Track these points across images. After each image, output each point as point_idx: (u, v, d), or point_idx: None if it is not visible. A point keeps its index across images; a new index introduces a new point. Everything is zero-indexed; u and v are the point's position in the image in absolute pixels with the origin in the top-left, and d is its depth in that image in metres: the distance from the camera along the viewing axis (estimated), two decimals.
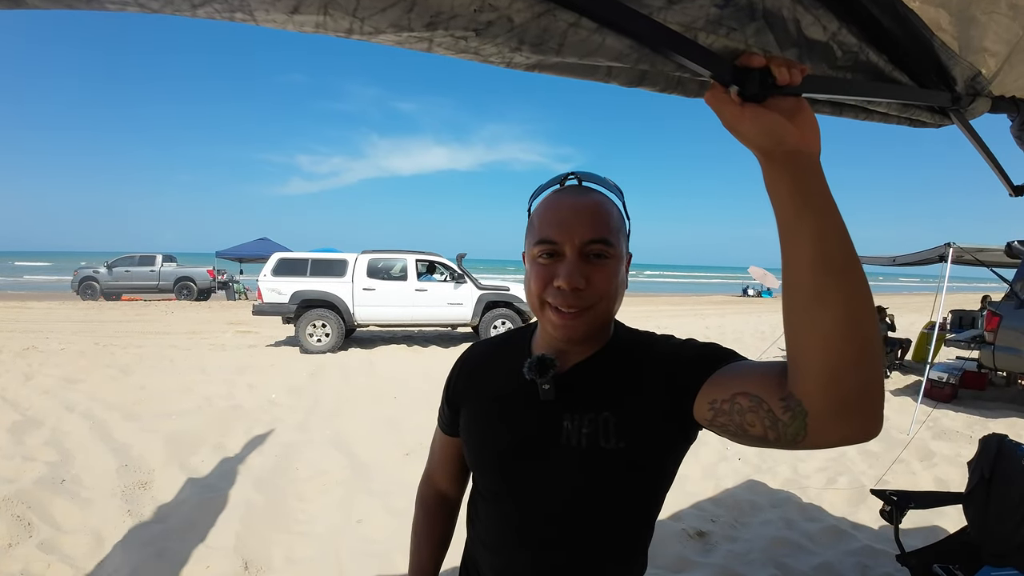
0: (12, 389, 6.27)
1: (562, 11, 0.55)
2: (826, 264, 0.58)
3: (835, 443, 0.62)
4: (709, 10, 0.62)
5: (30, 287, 26.25)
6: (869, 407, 0.59)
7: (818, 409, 0.60)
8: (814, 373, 0.60)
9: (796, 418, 0.62)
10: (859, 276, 0.59)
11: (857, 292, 0.58)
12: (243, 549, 3.06)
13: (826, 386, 0.59)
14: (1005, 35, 0.83)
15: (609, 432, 0.83)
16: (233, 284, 21.36)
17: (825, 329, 0.58)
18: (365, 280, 10.00)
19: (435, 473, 1.17)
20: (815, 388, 0.60)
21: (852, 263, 0.59)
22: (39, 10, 0.51)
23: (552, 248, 0.83)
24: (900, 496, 2.29)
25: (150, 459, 4.30)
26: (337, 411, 5.94)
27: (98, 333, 11.03)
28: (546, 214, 0.85)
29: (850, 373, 0.58)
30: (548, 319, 0.85)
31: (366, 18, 0.50)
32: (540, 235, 0.84)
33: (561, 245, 0.82)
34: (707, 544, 3.22)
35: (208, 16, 0.50)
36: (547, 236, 0.83)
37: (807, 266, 0.59)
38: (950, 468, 4.50)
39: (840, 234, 0.59)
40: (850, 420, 0.60)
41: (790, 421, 0.63)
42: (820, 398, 0.60)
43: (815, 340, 0.59)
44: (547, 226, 0.84)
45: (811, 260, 0.59)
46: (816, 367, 0.59)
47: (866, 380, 0.58)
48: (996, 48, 0.87)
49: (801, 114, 0.62)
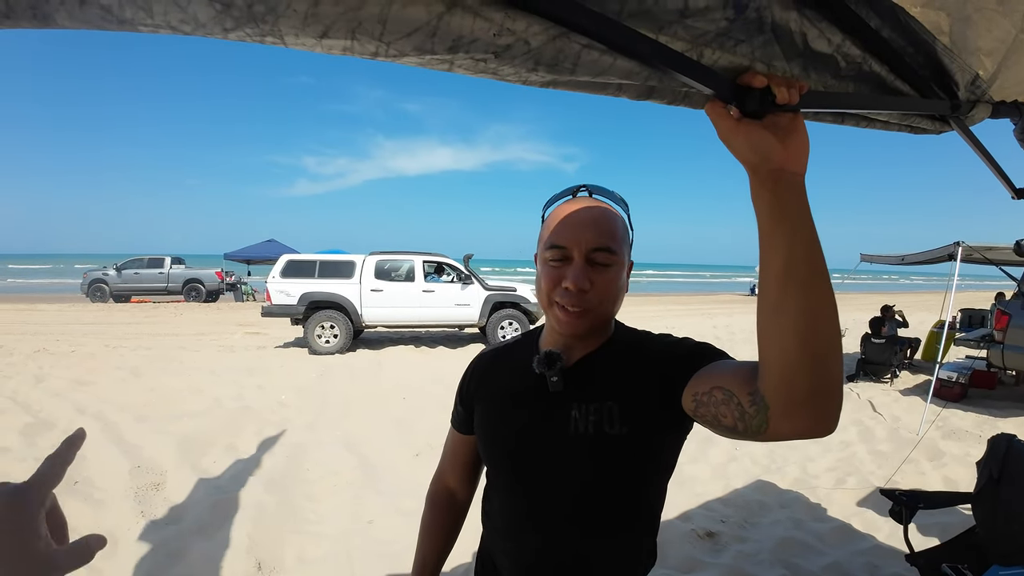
0: (23, 391, 6.32)
1: (575, 34, 0.58)
2: (791, 276, 0.63)
3: (791, 436, 0.67)
4: (720, 23, 0.65)
5: (39, 290, 26.44)
6: (822, 407, 0.64)
7: (776, 405, 0.66)
8: (774, 373, 0.65)
9: (760, 412, 0.68)
10: (822, 291, 0.63)
11: (818, 306, 0.63)
12: (255, 549, 3.10)
13: (783, 385, 0.64)
14: (997, 32, 0.85)
15: (614, 419, 0.90)
16: (241, 286, 21.46)
17: (784, 335, 0.63)
18: (373, 281, 10.05)
19: (446, 471, 1.23)
20: (774, 386, 0.65)
21: (817, 279, 0.63)
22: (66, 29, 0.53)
23: (562, 252, 0.91)
24: (909, 496, 2.29)
25: (162, 460, 4.35)
26: (346, 412, 5.98)
27: (108, 335, 11.13)
28: (558, 221, 0.93)
29: (804, 376, 0.63)
30: (555, 316, 0.93)
31: (391, 42, 0.52)
32: (551, 240, 0.92)
33: (570, 250, 0.90)
34: (716, 544, 3.23)
35: (239, 39, 0.52)
36: (558, 241, 0.91)
37: (774, 276, 0.64)
38: (959, 468, 4.48)
39: (809, 250, 0.63)
40: (804, 417, 0.65)
41: (755, 414, 0.69)
42: (778, 395, 0.65)
43: (775, 344, 0.65)
44: (558, 233, 0.91)
45: (778, 271, 0.64)
46: (775, 367, 0.65)
47: (820, 384, 0.63)
48: (990, 47, 0.88)
49: (794, 133, 0.66)
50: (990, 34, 0.85)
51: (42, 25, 0.51)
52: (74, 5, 0.49)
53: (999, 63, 0.92)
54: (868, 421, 5.89)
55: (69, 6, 0.50)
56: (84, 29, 0.53)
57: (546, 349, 0.96)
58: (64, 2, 0.49)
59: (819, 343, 0.62)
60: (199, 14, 0.49)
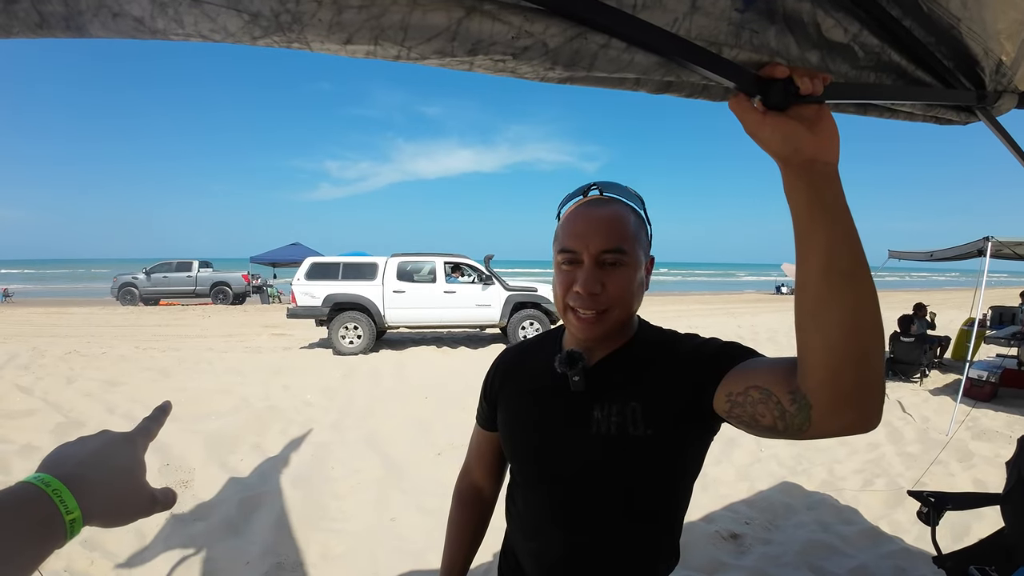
0: (55, 392, 6.48)
1: (593, 34, 0.59)
2: (833, 270, 0.62)
3: (836, 433, 0.67)
4: (731, 14, 0.65)
5: (71, 294, 27.10)
6: (867, 402, 0.63)
7: (821, 403, 0.65)
8: (818, 370, 0.64)
9: (802, 410, 0.67)
10: (865, 283, 0.62)
11: (861, 298, 0.62)
12: (280, 546, 3.15)
13: (828, 382, 0.63)
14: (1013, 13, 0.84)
15: (637, 420, 0.89)
16: (267, 288, 21.79)
17: (828, 331, 0.62)
18: (395, 283, 10.14)
19: (472, 468, 1.24)
20: (818, 384, 0.64)
21: (859, 271, 0.62)
22: (99, 38, 0.55)
23: (572, 256, 0.90)
24: (937, 498, 2.25)
25: (191, 459, 4.44)
26: (370, 411, 6.04)
27: (138, 337, 11.38)
28: (568, 224, 0.92)
29: (850, 372, 0.62)
30: (570, 321, 0.92)
31: (413, 47, 0.54)
32: (562, 244, 0.92)
33: (580, 254, 0.89)
34: (740, 546, 3.20)
35: (267, 45, 0.54)
36: (567, 245, 0.90)
37: (815, 271, 0.63)
38: (989, 469, 4.38)
39: (850, 242, 0.62)
40: (850, 413, 0.64)
41: (796, 412, 0.68)
42: (822, 393, 0.64)
43: (819, 340, 0.63)
44: (568, 236, 0.91)
45: (820, 265, 0.62)
46: (819, 365, 0.64)
47: (865, 378, 0.62)
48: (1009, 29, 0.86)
49: (822, 123, 0.64)
50: (1006, 15, 0.84)
51: (76, 35, 0.53)
52: (107, 17, 0.51)
53: (1019, 47, 0.90)
54: (897, 422, 5.77)
55: (103, 18, 0.51)
56: (118, 38, 0.55)
57: (568, 349, 0.96)
58: (98, 14, 0.51)
59: (864, 337, 0.62)
60: (228, 24, 0.50)
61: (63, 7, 0.51)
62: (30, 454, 4.35)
